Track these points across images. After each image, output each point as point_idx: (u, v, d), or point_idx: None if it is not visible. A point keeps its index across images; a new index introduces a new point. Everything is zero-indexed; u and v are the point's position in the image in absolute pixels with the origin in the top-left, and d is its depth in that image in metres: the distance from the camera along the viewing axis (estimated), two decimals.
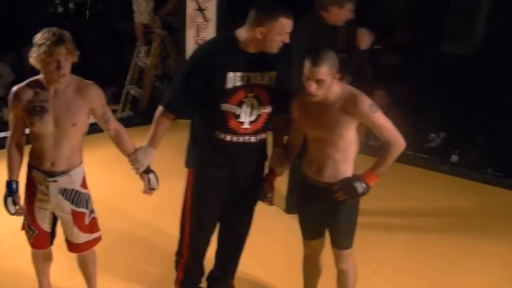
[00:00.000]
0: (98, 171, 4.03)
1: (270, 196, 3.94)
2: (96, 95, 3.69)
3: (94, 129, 3.88)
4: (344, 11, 5.11)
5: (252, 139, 3.71)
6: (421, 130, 7.56)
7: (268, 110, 3.70)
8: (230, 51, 3.58)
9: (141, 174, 3.83)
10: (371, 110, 3.45)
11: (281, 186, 3.96)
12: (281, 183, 3.95)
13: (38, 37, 3.45)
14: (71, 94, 3.59)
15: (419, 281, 4.75)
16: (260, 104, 3.64)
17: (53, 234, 3.92)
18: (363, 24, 5.30)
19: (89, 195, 3.84)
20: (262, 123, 3.71)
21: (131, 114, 9.06)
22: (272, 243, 5.04)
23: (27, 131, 3.70)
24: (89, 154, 3.94)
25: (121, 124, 3.89)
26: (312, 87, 3.39)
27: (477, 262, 5.10)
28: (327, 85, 3.40)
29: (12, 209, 3.75)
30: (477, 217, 6.08)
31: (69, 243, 3.88)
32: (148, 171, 3.83)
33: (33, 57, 3.46)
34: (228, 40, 3.63)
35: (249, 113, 3.63)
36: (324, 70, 3.36)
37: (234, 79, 3.55)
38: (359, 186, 3.54)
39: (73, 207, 3.76)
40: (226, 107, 3.58)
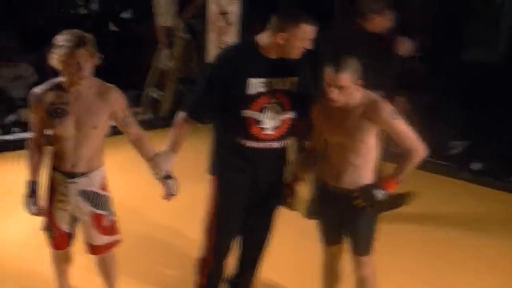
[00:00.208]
0: (118, 173, 4.03)
1: (292, 201, 3.92)
2: (118, 98, 3.69)
3: (115, 131, 3.88)
4: (384, 19, 5.18)
5: (275, 144, 3.69)
6: (443, 137, 7.48)
7: (291, 115, 3.67)
8: (251, 57, 3.56)
9: (161, 179, 3.81)
10: (392, 116, 3.43)
11: (301, 190, 3.91)
12: (302, 187, 3.91)
13: (60, 39, 3.46)
14: (92, 96, 3.60)
15: (424, 284, 4.74)
16: (283, 110, 3.62)
17: (72, 235, 3.93)
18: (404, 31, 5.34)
19: (109, 197, 3.84)
20: (286, 128, 3.68)
21: (152, 117, 9.09)
22: (290, 248, 5.01)
23: (48, 132, 3.71)
24: (110, 156, 3.93)
25: (141, 128, 3.89)
26: (333, 93, 3.37)
27: (486, 268, 5.05)
28: (349, 91, 3.38)
29: (33, 209, 3.77)
30: (492, 223, 6.01)
31: (88, 245, 3.88)
32: (168, 176, 3.80)
33: (54, 59, 3.47)
34: (249, 45, 3.62)
35: (271, 119, 3.60)
36: (346, 77, 3.33)
37: (255, 85, 3.53)
38: (378, 193, 3.52)
39: (92, 208, 3.76)
40: (248, 113, 3.56)
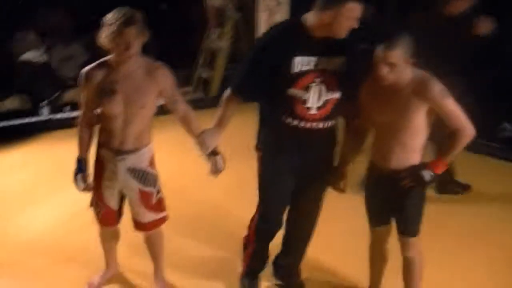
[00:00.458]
0: (167, 152, 4.06)
1: (342, 184, 3.90)
2: (166, 77, 3.70)
3: (163, 110, 3.90)
4: (464, 1, 5.26)
5: (320, 125, 3.62)
6: (495, 119, 7.33)
7: (337, 96, 3.61)
8: (297, 36, 3.52)
9: (207, 156, 3.82)
10: (441, 95, 3.37)
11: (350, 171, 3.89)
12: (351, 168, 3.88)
13: (109, 17, 3.48)
14: (140, 75, 3.62)
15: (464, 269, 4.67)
16: (328, 90, 3.56)
17: (120, 212, 3.99)
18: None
19: (156, 174, 3.88)
20: (331, 109, 3.62)
21: (202, 96, 9.12)
22: (337, 229, 4.98)
23: (97, 110, 3.76)
24: (158, 135, 3.96)
25: (189, 106, 3.90)
26: (383, 70, 3.33)
27: None
28: (399, 69, 3.34)
29: (82, 186, 3.84)
30: None
31: (136, 221, 3.94)
32: (214, 153, 3.82)
33: (103, 37, 3.49)
34: (295, 24, 3.58)
35: (316, 98, 3.55)
36: (397, 54, 3.29)
37: (301, 63, 3.48)
38: (426, 174, 3.48)
39: (141, 186, 3.80)
40: (293, 92, 3.52)
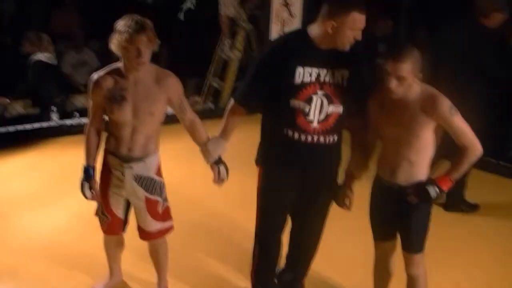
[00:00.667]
0: (176, 161, 4.06)
1: (348, 201, 3.84)
2: (175, 85, 3.70)
3: (171, 119, 3.89)
4: (503, 15, 5.33)
5: (322, 139, 3.59)
6: (506, 138, 7.29)
7: (340, 110, 3.58)
8: (301, 46, 3.51)
9: (211, 164, 3.85)
10: (450, 112, 3.36)
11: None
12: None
13: (120, 24, 3.48)
14: (150, 83, 3.61)
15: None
16: (330, 103, 3.53)
17: (126, 220, 3.97)
18: None
19: (163, 183, 3.87)
20: (333, 123, 3.59)
21: (212, 106, 9.12)
22: (342, 243, 4.96)
23: (105, 118, 3.76)
24: (168, 144, 3.98)
25: (196, 115, 3.91)
26: (392, 83, 3.31)
27: None
28: (408, 82, 3.32)
29: (89, 194, 3.80)
30: None
31: (141, 230, 3.92)
32: (218, 162, 3.84)
33: (114, 44, 3.49)
34: (300, 34, 3.58)
35: (318, 111, 3.53)
36: (406, 67, 3.27)
37: (303, 74, 3.47)
38: (432, 191, 3.45)
39: (147, 194, 3.79)
40: (295, 103, 3.50)
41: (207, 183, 3.96)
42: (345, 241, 5.01)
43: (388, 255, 3.86)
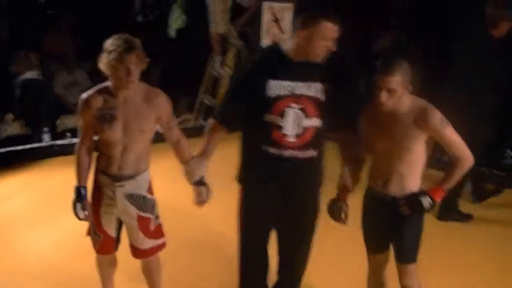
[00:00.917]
0: (168, 178, 4.04)
1: (344, 215, 3.82)
2: (164, 103, 3.71)
3: (162, 138, 3.90)
4: (509, 24, 5.40)
5: (299, 154, 3.52)
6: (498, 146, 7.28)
7: (317, 123, 3.51)
8: (274, 59, 3.51)
9: (193, 185, 3.83)
10: (441, 124, 3.38)
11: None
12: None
13: (109, 43, 3.50)
14: (139, 101, 3.62)
15: None
16: (306, 116, 3.47)
17: (118, 239, 3.96)
18: None
19: (155, 200, 3.86)
20: (310, 137, 3.52)
21: (204, 124, 9.11)
22: (335, 256, 4.94)
23: (95, 137, 3.76)
24: (159, 162, 3.96)
25: (182, 134, 3.91)
26: (382, 96, 3.33)
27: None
28: (398, 95, 3.33)
29: (81, 214, 3.79)
30: None
31: (134, 248, 3.91)
32: (200, 182, 3.82)
33: (103, 63, 3.51)
34: (274, 48, 3.59)
35: (294, 125, 3.47)
36: (396, 80, 3.29)
37: (276, 87, 3.44)
38: (425, 202, 3.46)
39: (139, 212, 3.78)
40: (269, 117, 3.47)
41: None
42: (337, 253, 5.00)
43: (381, 266, 3.85)
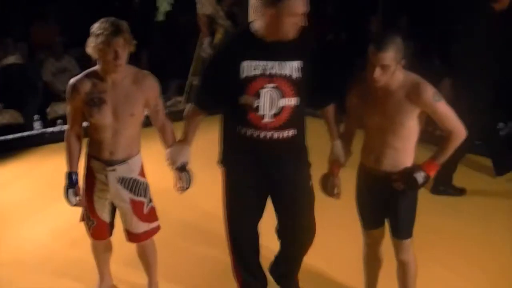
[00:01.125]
0: (160, 162, 4.02)
1: (336, 189, 3.84)
2: (152, 86, 3.71)
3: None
4: None
5: (277, 135, 3.47)
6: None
7: (294, 103, 3.45)
8: (246, 41, 3.43)
9: (175, 170, 3.82)
10: (434, 99, 3.37)
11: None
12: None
13: (96, 27, 3.48)
14: (128, 84, 3.61)
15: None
16: (282, 96, 3.41)
17: (112, 224, 3.95)
18: None
19: (147, 184, 3.86)
20: (287, 117, 3.46)
21: None
22: (330, 233, 4.92)
23: (84, 123, 3.74)
24: (150, 146, 3.94)
25: (168, 119, 3.90)
26: (376, 72, 3.31)
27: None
28: (391, 71, 3.32)
29: (74, 200, 3.79)
30: None
31: (128, 233, 3.90)
32: (181, 168, 3.81)
33: (91, 47, 3.49)
34: (245, 30, 3.50)
35: (269, 105, 3.41)
36: (389, 56, 3.27)
37: (249, 68, 3.38)
38: (419, 177, 3.46)
39: (132, 196, 3.78)
40: (243, 98, 3.42)
41: (195, 183, 3.93)
42: (333, 231, 4.98)
43: (377, 242, 3.86)
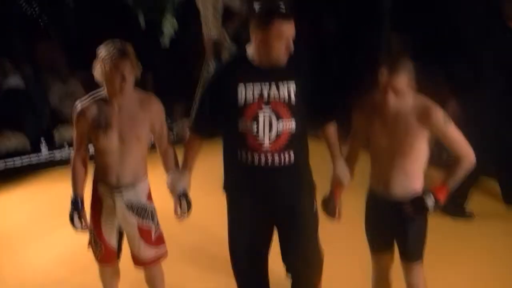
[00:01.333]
0: (166, 186, 4.03)
1: (338, 211, 3.79)
2: (158, 110, 3.71)
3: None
4: None
5: (276, 158, 3.42)
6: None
7: (292, 125, 3.40)
8: (240, 65, 3.43)
9: (175, 197, 3.78)
10: (444, 122, 3.36)
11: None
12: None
13: (103, 51, 3.49)
14: (134, 108, 3.61)
15: None
16: (279, 119, 3.38)
17: (119, 249, 3.93)
18: None
19: (154, 208, 3.84)
20: (287, 140, 3.42)
21: None
22: (339, 256, 4.89)
23: (91, 146, 3.73)
24: (156, 170, 3.92)
25: (171, 144, 3.88)
26: (389, 96, 3.29)
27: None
28: (403, 93, 3.31)
29: (79, 225, 3.77)
30: None
31: (135, 257, 3.88)
32: (181, 195, 3.77)
33: (97, 71, 3.50)
34: (240, 55, 3.49)
35: (267, 129, 3.38)
36: (403, 79, 3.26)
37: (245, 92, 3.36)
38: (429, 201, 3.43)
39: (139, 220, 3.77)
40: (242, 123, 3.39)
41: (204, 207, 3.90)
42: (340, 255, 4.88)
43: (386, 266, 3.81)
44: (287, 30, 3.24)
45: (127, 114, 3.58)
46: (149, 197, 3.81)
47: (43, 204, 6.52)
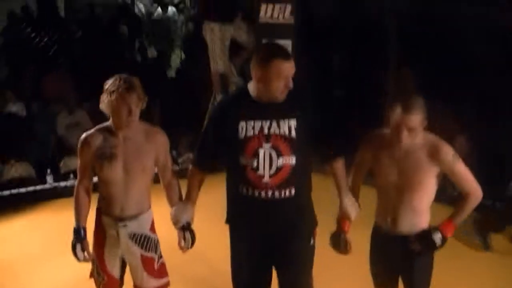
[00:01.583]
0: (169, 217, 4.03)
1: (348, 246, 3.75)
2: (163, 142, 3.74)
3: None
4: None
5: (276, 193, 3.44)
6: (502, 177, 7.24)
7: (292, 161, 3.42)
8: (242, 102, 3.47)
9: (178, 229, 3.79)
10: (453, 159, 3.38)
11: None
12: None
13: (110, 84, 3.52)
14: (139, 140, 3.63)
15: None
16: (280, 155, 3.40)
17: (122, 280, 3.91)
18: None
19: (157, 239, 3.84)
20: (286, 176, 3.43)
21: None
22: None
23: (94, 178, 3.75)
24: (163, 201, 3.93)
25: (175, 177, 3.89)
26: (403, 134, 3.31)
27: None
28: (417, 132, 3.33)
29: (81, 255, 3.75)
30: None
31: None
32: (185, 227, 3.77)
33: (104, 103, 3.53)
34: (242, 91, 3.56)
35: (267, 165, 3.41)
36: (417, 118, 3.29)
37: (246, 128, 3.41)
38: (437, 239, 3.44)
39: (143, 251, 3.76)
40: (242, 158, 3.43)
41: (207, 239, 3.90)
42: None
43: None
44: (286, 70, 3.31)
45: (132, 145, 3.61)
46: (153, 228, 3.81)
47: (47, 233, 6.51)
